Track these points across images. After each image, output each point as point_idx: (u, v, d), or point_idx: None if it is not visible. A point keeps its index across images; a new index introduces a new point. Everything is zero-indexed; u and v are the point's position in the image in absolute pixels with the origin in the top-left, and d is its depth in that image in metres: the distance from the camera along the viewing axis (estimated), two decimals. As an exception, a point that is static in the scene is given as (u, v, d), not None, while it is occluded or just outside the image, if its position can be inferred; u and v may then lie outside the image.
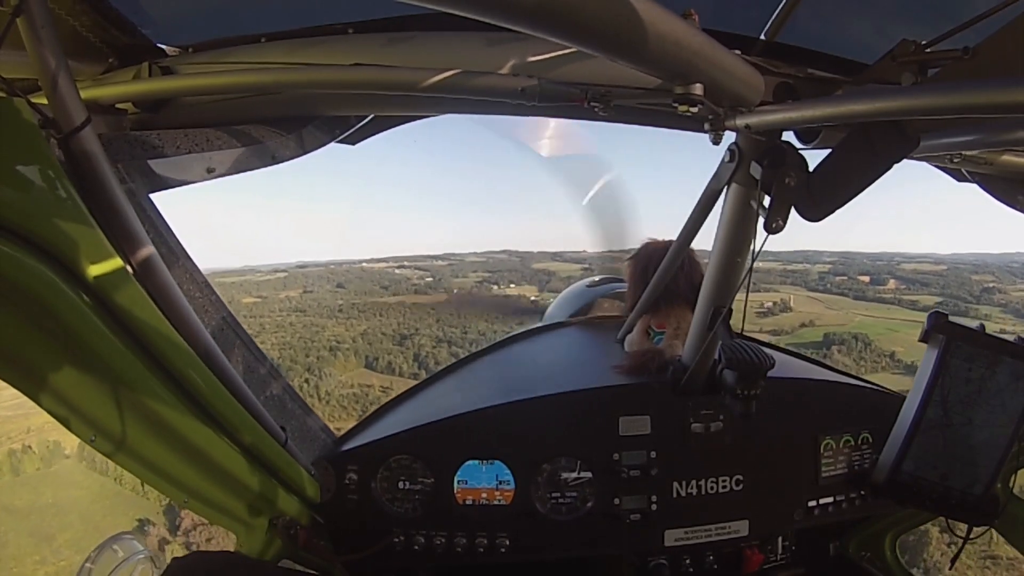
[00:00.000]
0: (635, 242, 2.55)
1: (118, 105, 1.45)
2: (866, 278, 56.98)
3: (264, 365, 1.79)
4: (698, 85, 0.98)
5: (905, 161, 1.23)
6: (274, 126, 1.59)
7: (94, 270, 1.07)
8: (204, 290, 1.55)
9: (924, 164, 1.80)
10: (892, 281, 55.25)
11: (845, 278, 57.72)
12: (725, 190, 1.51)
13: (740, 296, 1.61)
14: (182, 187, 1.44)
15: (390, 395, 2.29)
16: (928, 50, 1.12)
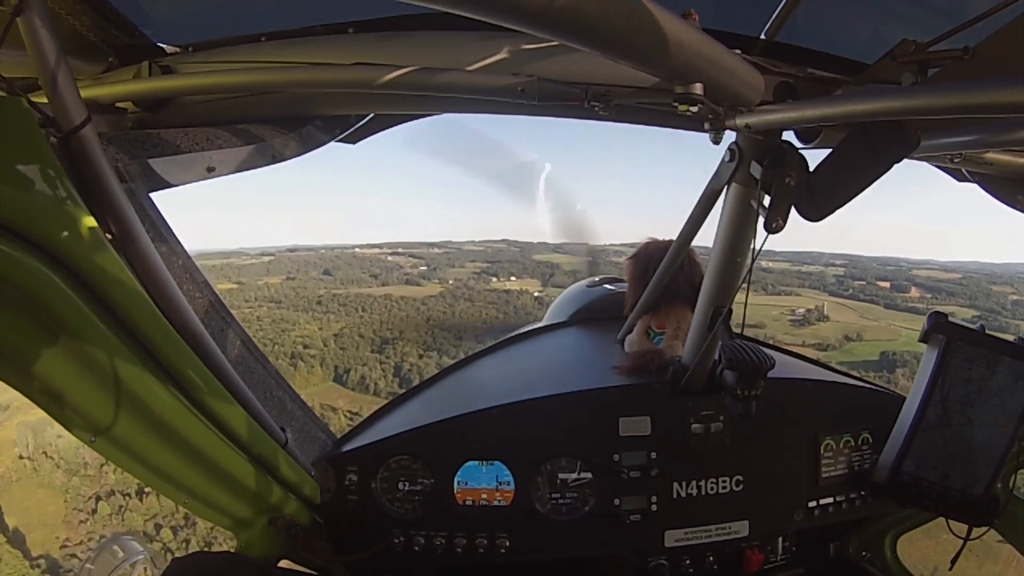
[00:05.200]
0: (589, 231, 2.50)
1: (118, 104, 1.45)
2: (886, 284, 53.85)
3: (264, 366, 1.78)
4: (698, 85, 0.98)
5: (902, 165, 1.23)
6: (274, 125, 1.59)
7: (93, 270, 1.07)
8: (204, 290, 1.55)
9: (916, 172, 1.79)
10: (914, 289, 52.09)
11: (864, 283, 54.53)
12: (725, 190, 1.51)
13: (741, 296, 1.61)
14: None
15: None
16: (928, 50, 1.12)
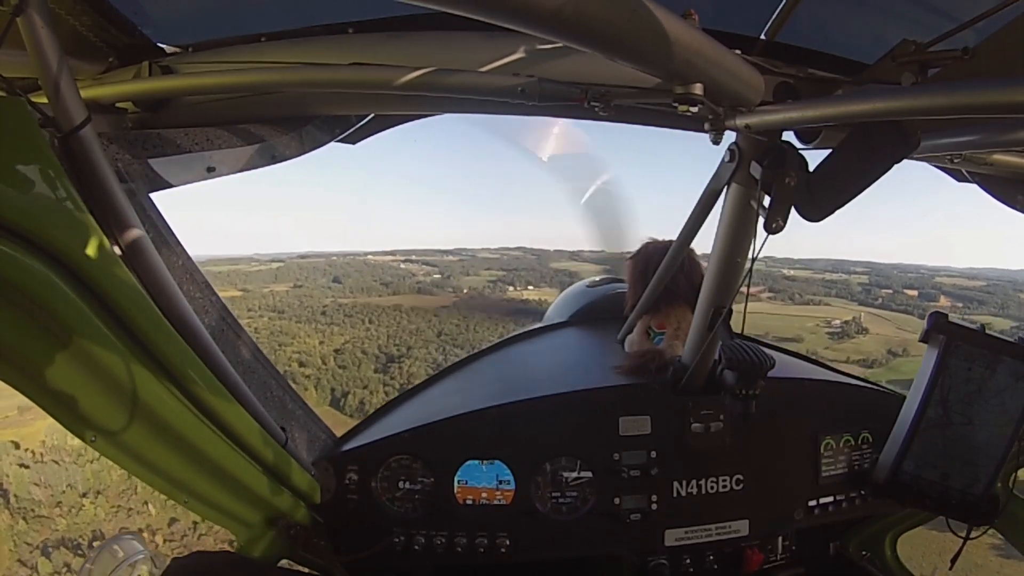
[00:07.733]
0: (633, 245, 2.50)
1: (118, 104, 1.45)
2: (914, 292, 50.90)
3: (264, 366, 1.79)
4: (698, 85, 0.98)
5: (904, 168, 1.23)
6: (274, 125, 1.59)
7: (94, 270, 1.07)
8: (204, 290, 1.55)
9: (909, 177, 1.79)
10: (943, 297, 48.60)
11: (890, 291, 51.52)
12: (725, 190, 1.52)
13: (741, 295, 1.61)
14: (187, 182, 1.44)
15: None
16: (928, 50, 1.12)
